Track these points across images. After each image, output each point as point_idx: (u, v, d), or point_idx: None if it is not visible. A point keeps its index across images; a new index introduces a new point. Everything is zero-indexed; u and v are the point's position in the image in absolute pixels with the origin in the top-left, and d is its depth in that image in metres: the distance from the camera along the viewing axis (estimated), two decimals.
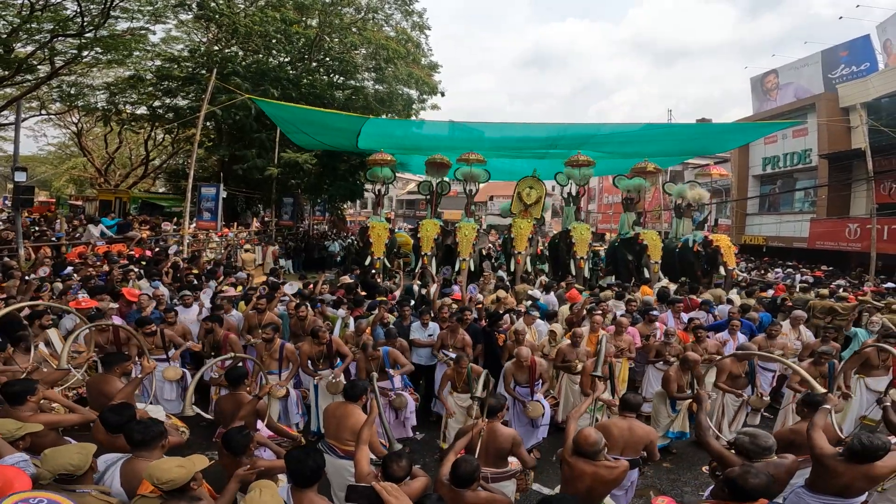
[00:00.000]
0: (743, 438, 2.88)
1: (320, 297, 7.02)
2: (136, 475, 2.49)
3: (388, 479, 2.58)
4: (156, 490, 2.23)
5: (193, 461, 2.37)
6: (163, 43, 18.23)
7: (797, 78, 23.86)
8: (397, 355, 5.06)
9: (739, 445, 2.87)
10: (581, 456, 2.92)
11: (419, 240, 10.63)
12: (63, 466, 2.28)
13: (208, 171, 19.93)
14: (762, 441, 2.84)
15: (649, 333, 6.16)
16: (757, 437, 2.86)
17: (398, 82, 19.28)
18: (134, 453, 2.66)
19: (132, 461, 2.64)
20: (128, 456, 2.70)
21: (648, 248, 10.84)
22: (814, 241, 19.27)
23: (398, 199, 47.86)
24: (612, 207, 31.22)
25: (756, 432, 2.92)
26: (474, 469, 2.65)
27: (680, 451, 5.28)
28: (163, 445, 2.70)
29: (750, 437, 2.88)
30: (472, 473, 2.64)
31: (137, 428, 2.67)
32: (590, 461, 2.90)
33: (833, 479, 2.87)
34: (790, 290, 9.45)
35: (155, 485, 2.21)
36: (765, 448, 2.82)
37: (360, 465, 2.80)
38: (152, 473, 2.21)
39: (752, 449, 2.81)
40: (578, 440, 2.94)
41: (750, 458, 2.79)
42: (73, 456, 2.32)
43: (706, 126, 13.86)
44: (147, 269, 7.82)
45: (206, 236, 13.72)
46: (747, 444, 2.83)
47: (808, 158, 20.77)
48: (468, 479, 2.62)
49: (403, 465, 2.62)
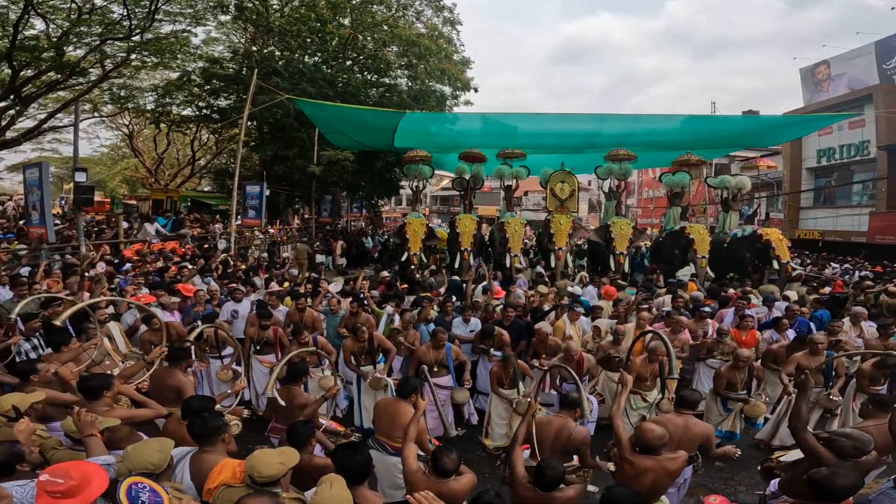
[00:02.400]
0: (844, 441, 2.79)
1: (363, 293, 7.12)
2: (203, 468, 2.52)
3: (437, 472, 2.59)
4: (234, 479, 2.27)
5: (290, 456, 2.37)
6: (204, 45, 18.68)
7: (850, 69, 22.77)
8: (459, 352, 5.10)
9: (839, 447, 2.78)
10: (643, 452, 2.87)
11: (457, 235, 10.65)
12: (144, 465, 2.30)
13: (251, 171, 20.48)
14: (864, 446, 2.76)
15: (699, 330, 5.99)
16: (858, 439, 2.78)
17: (431, 79, 19.25)
18: (200, 447, 2.70)
19: (199, 455, 2.67)
20: (195, 449, 2.73)
21: (695, 242, 10.47)
22: (874, 234, 18.26)
23: (432, 196, 48.03)
24: (654, 202, 30.34)
25: (856, 434, 2.83)
26: (561, 473, 2.60)
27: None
28: (223, 440, 2.71)
29: (850, 438, 2.79)
30: (560, 477, 2.59)
31: (197, 422, 2.71)
32: (652, 456, 2.85)
33: None
34: (858, 288, 8.90)
35: (254, 478, 2.21)
36: (864, 452, 2.75)
37: (407, 462, 2.80)
38: (254, 466, 2.22)
39: (852, 452, 2.74)
40: (643, 436, 2.87)
41: (844, 459, 2.73)
42: (153, 454, 2.35)
43: (754, 119, 13.21)
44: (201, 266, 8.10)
45: (251, 233, 14.16)
46: (849, 448, 2.75)
47: (867, 150, 19.89)
48: (555, 484, 2.58)
49: (454, 457, 2.61)
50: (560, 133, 11.86)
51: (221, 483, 2.31)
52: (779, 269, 9.80)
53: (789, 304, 6.93)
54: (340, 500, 2.19)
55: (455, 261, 10.57)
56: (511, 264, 10.16)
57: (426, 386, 4.99)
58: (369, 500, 2.46)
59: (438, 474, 2.61)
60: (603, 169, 11.87)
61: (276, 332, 5.47)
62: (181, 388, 3.78)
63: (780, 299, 7.51)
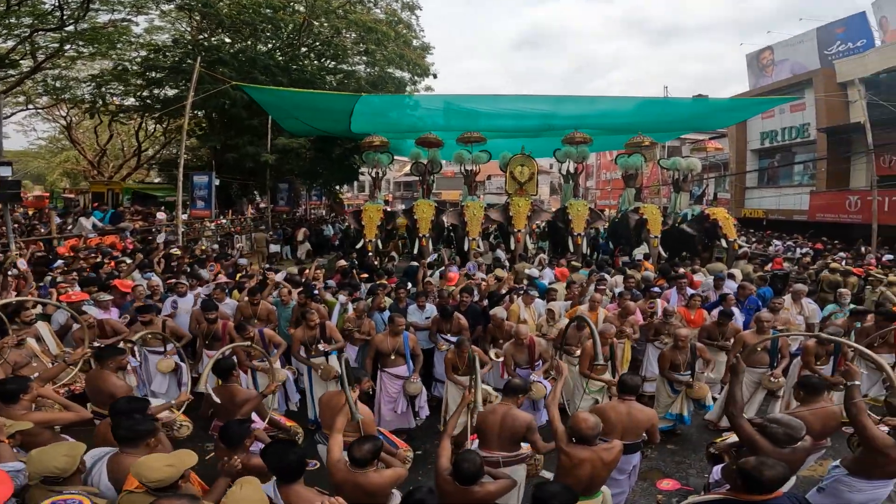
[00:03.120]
0: (776, 428, 2.74)
1: (314, 281, 6.93)
2: (122, 471, 2.44)
3: (353, 463, 2.56)
4: (141, 486, 2.18)
5: (183, 459, 2.30)
6: (147, 33, 18.03)
7: (793, 54, 23.76)
8: (416, 343, 4.99)
9: (771, 433, 2.74)
10: (579, 442, 2.82)
11: (415, 221, 10.54)
12: (48, 469, 2.22)
13: (202, 160, 19.73)
14: (795, 432, 2.72)
15: (651, 310, 6.09)
16: (789, 425, 2.74)
17: (390, 65, 18.97)
18: (121, 448, 2.60)
19: (118, 456, 2.57)
20: (115, 450, 2.63)
21: (648, 223, 10.75)
22: (814, 213, 19.30)
23: (395, 182, 47.53)
24: (611, 184, 31.03)
25: (791, 421, 2.79)
26: (479, 467, 2.54)
27: (684, 432, 5.19)
28: (149, 444, 2.61)
29: (781, 424, 2.75)
30: (478, 471, 2.53)
31: (124, 424, 2.61)
32: (588, 447, 2.80)
33: (892, 465, 2.79)
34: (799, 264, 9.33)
35: (142, 483, 2.16)
36: (797, 438, 2.72)
37: (330, 452, 2.76)
38: (140, 472, 2.16)
39: (784, 439, 2.70)
40: (577, 426, 2.81)
41: (780, 446, 2.70)
42: (58, 459, 2.26)
43: (703, 102, 13.65)
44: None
45: (200, 225, 13.58)
46: (780, 434, 2.71)
47: (807, 132, 20.80)
48: (474, 477, 2.52)
49: (366, 448, 2.56)
50: (518, 114, 11.87)
51: (137, 487, 2.23)
52: (726, 247, 10.20)
53: (743, 282, 7.10)
54: (251, 501, 2.11)
55: (415, 247, 10.50)
56: (469, 248, 10.17)
57: (382, 378, 4.92)
58: (304, 499, 2.35)
59: (354, 465, 2.57)
60: (561, 152, 12.03)
61: (224, 326, 5.24)
62: (112, 391, 3.60)
63: (730, 277, 7.76)
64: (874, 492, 2.89)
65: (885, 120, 15.41)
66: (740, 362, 3.25)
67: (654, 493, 4.17)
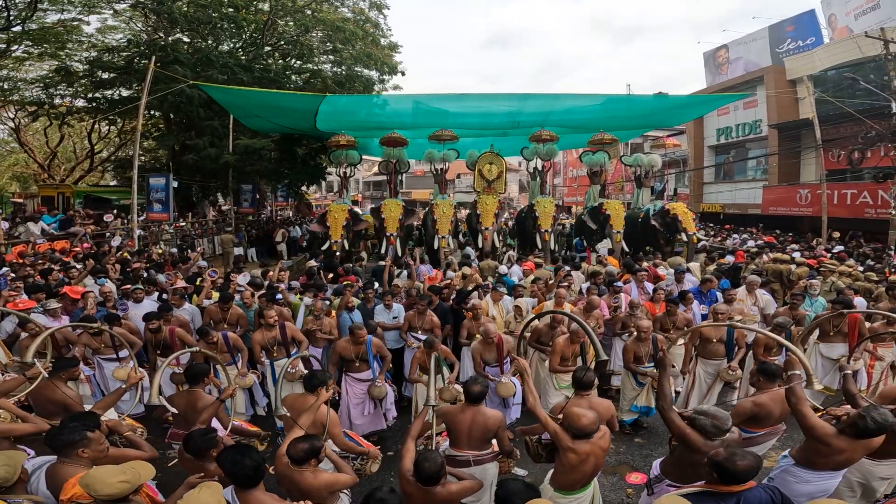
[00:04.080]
0: (704, 420, 2.72)
1: (278, 283, 6.78)
2: (58, 480, 2.40)
3: (291, 461, 2.56)
4: (84, 496, 2.10)
5: (139, 473, 2.24)
6: (99, 33, 17.34)
7: (746, 52, 24.62)
8: (381, 346, 4.91)
9: (700, 426, 2.72)
10: (582, 438, 2.81)
11: (382, 221, 10.47)
12: None
13: (160, 162, 19.05)
14: (722, 423, 2.71)
15: (615, 305, 6.21)
16: (717, 417, 2.73)
17: (357, 63, 18.79)
18: (58, 458, 2.55)
19: (57, 465, 2.52)
20: (53, 459, 2.59)
21: (611, 218, 10.98)
22: (767, 207, 20.09)
23: (364, 182, 47.04)
24: (578, 181, 31.61)
25: (717, 413, 2.77)
26: (439, 467, 2.52)
27: (651, 426, 5.24)
28: (79, 453, 2.51)
29: (710, 416, 2.73)
30: (438, 472, 2.51)
31: (52, 433, 2.57)
32: (588, 440, 2.81)
33: (834, 456, 2.78)
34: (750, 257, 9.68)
35: (92, 496, 2.07)
36: (724, 431, 2.71)
37: (282, 446, 2.74)
38: (90, 485, 2.07)
39: (712, 431, 2.69)
40: (577, 424, 2.78)
41: (710, 438, 2.68)
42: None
43: (662, 99, 14.05)
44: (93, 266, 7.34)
45: (158, 228, 13.08)
46: (708, 426, 2.69)
47: (759, 128, 21.52)
48: (435, 478, 2.50)
49: (300, 447, 2.55)
50: (485, 113, 11.93)
51: (72, 497, 2.18)
52: (686, 240, 10.53)
53: (707, 275, 7.28)
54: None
55: (383, 246, 10.42)
56: (439, 246, 10.16)
57: (347, 381, 4.84)
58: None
59: (291, 462, 2.58)
60: (528, 150, 12.16)
61: (171, 333, 5.05)
62: (64, 401, 3.49)
63: (687, 270, 8.00)
64: (821, 483, 2.87)
65: (833, 116, 16.11)
66: (666, 356, 3.23)
67: (623, 487, 4.21)
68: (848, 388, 3.38)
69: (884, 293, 6.27)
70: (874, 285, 6.99)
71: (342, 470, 2.91)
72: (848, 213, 16.35)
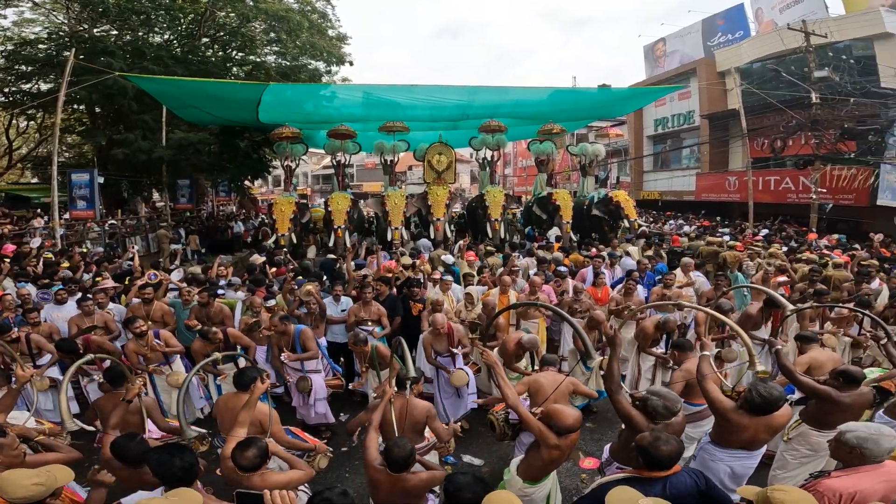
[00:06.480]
0: (656, 401, 2.70)
1: (220, 278, 6.47)
2: None
3: (240, 470, 2.43)
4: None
5: (55, 476, 2.13)
6: (15, 26, 16.17)
7: (682, 45, 25.75)
8: (307, 338, 4.71)
9: (652, 407, 2.69)
10: (566, 434, 2.81)
11: (329, 213, 10.22)
12: None
13: (85, 158, 17.70)
14: (672, 405, 2.70)
15: (562, 290, 6.37)
16: (668, 399, 2.72)
17: (302, 54, 18.17)
18: None
19: None
20: None
21: (561, 209, 11.26)
22: (700, 193, 21.28)
23: (313, 175, 45.82)
24: (527, 171, 32.20)
25: (668, 394, 2.77)
26: (409, 453, 2.49)
27: (602, 410, 5.31)
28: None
29: (661, 397, 2.72)
30: (408, 457, 2.48)
31: None
32: (570, 435, 2.83)
33: (738, 432, 2.84)
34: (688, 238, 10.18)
35: (4, 499, 1.97)
36: (673, 413, 2.70)
37: (225, 447, 2.62)
38: (1, 487, 1.99)
39: (662, 412, 2.66)
40: (563, 423, 2.76)
41: (658, 420, 2.67)
42: None
43: (605, 92, 14.51)
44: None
45: (83, 227, 12.14)
46: (660, 407, 2.67)
47: (692, 119, 22.65)
48: (405, 464, 2.47)
49: (250, 454, 2.43)
50: (435, 105, 11.84)
51: None
52: (629, 226, 10.97)
53: (640, 259, 7.61)
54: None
55: (331, 239, 10.21)
56: (392, 238, 10.08)
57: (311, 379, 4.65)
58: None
59: (241, 470, 2.46)
60: (477, 140, 12.24)
61: (87, 337, 4.73)
62: None
63: (623, 255, 8.31)
64: (734, 462, 2.91)
65: (758, 106, 17.14)
66: (617, 335, 3.14)
67: (577, 472, 4.24)
68: (782, 363, 3.43)
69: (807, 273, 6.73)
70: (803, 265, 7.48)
71: (295, 466, 2.79)
72: (772, 199, 17.60)
